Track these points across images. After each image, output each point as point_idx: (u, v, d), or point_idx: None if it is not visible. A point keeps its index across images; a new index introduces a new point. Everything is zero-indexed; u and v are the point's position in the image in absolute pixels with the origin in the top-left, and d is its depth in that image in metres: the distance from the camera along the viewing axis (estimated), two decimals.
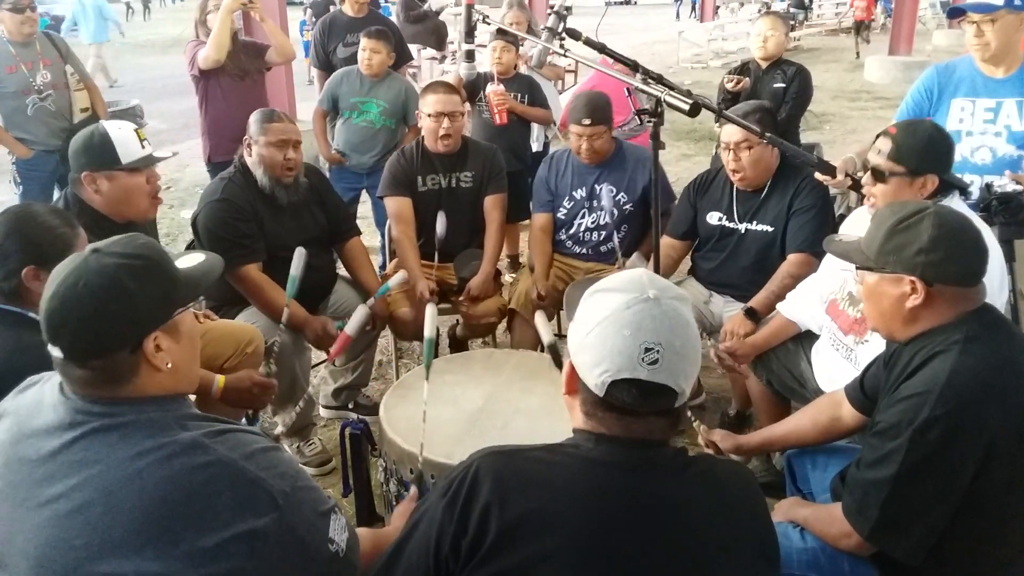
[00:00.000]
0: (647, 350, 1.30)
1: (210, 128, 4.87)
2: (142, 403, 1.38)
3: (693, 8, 28.21)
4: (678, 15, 30.99)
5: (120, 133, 2.66)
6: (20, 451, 1.37)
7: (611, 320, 1.33)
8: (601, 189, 3.78)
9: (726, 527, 1.36)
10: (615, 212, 3.76)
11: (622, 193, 3.76)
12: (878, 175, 2.44)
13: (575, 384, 1.40)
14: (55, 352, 1.36)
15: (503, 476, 1.34)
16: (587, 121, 3.63)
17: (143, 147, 2.70)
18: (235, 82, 4.78)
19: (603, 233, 3.83)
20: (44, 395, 1.43)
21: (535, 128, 5.33)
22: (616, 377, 1.31)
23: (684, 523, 1.33)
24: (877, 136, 2.51)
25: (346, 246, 3.63)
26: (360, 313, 2.96)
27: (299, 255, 2.93)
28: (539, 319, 2.75)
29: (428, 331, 2.61)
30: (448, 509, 1.33)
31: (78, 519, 1.27)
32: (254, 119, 3.27)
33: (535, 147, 5.35)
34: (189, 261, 1.55)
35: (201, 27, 4.82)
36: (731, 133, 3.18)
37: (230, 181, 3.23)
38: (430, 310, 2.81)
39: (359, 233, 3.74)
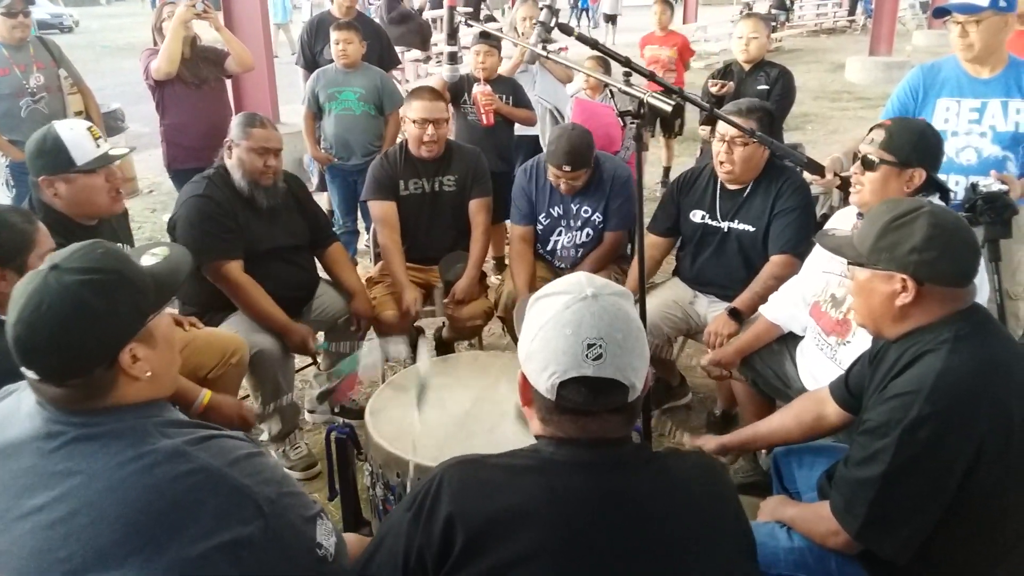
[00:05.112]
0: (589, 346, 1.32)
1: (168, 136, 4.83)
2: (121, 411, 1.36)
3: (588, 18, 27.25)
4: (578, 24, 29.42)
5: (72, 134, 2.61)
6: None
7: (552, 322, 1.35)
8: (578, 208, 3.75)
9: (694, 520, 1.36)
10: (591, 232, 3.76)
11: (598, 213, 3.74)
12: (868, 163, 2.48)
13: (529, 393, 1.42)
14: (29, 374, 1.34)
15: (464, 485, 1.35)
16: (567, 168, 3.55)
17: (98, 146, 2.65)
18: (192, 90, 4.73)
19: (581, 251, 3.81)
20: (21, 404, 1.40)
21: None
22: (564, 377, 1.33)
23: (650, 518, 1.33)
24: (871, 128, 2.55)
25: (326, 252, 3.62)
26: (375, 355, 2.92)
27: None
28: (516, 317, 2.74)
29: (422, 367, 2.57)
30: (413, 522, 1.34)
31: (61, 530, 1.25)
32: (237, 122, 3.25)
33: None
34: (154, 257, 1.51)
35: (157, 34, 4.76)
36: (729, 126, 3.17)
37: (210, 181, 3.22)
38: (423, 347, 2.72)
39: (337, 239, 3.73)
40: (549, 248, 3.87)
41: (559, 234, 3.82)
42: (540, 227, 3.84)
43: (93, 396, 1.34)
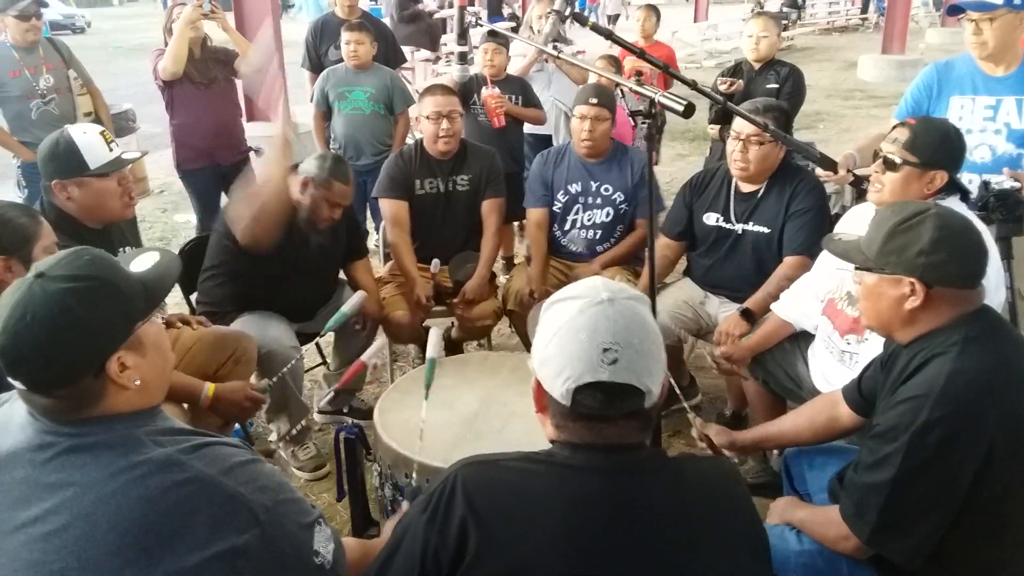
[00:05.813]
0: (605, 350, 1.30)
1: (177, 136, 4.83)
2: (112, 420, 1.33)
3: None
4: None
5: (86, 138, 2.63)
6: None
7: (567, 327, 1.33)
8: (598, 186, 3.76)
9: (708, 526, 1.35)
10: (611, 212, 3.74)
11: (618, 192, 3.74)
12: (890, 164, 2.45)
13: (543, 400, 1.39)
14: (16, 384, 1.31)
15: (479, 487, 1.34)
16: (594, 100, 3.62)
17: (111, 150, 2.67)
18: (201, 90, 4.72)
19: (599, 232, 3.80)
20: (13, 414, 1.38)
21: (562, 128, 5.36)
22: (579, 383, 1.31)
23: (664, 524, 1.32)
24: (894, 126, 2.52)
25: (354, 264, 3.62)
26: (377, 344, 2.98)
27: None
28: (531, 322, 2.73)
29: (431, 351, 2.54)
30: (429, 524, 1.33)
31: (55, 543, 1.23)
32: (321, 165, 3.17)
33: None
34: (144, 263, 1.48)
35: (168, 34, 4.75)
36: (745, 123, 3.14)
37: None
38: (434, 335, 2.74)
39: (367, 254, 3.72)
40: (567, 227, 3.86)
41: (577, 212, 3.82)
42: (558, 206, 3.84)
43: (82, 406, 1.32)
